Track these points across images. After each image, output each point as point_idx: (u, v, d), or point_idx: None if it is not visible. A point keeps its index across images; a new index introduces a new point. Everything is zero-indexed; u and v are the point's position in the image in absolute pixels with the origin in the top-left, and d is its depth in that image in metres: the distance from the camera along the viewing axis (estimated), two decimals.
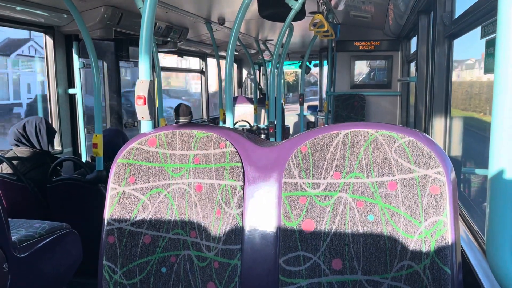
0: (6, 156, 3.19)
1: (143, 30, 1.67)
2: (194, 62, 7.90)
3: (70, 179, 3.22)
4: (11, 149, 3.31)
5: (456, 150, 2.98)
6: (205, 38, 6.16)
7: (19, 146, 3.27)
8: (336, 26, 5.61)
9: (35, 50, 10.43)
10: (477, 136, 2.86)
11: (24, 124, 3.31)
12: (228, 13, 4.78)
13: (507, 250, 0.91)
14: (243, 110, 8.06)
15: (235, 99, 8.12)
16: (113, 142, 3.70)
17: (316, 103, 11.83)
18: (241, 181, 1.10)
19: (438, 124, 2.79)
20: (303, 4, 3.43)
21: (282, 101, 8.42)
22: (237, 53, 8.55)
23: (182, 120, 5.18)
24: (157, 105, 4.56)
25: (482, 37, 1.78)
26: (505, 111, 0.89)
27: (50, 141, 3.39)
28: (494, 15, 1.61)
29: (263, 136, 7.10)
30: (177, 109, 5.28)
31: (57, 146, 4.06)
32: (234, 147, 1.12)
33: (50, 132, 3.39)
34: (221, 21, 5.05)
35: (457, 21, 2.40)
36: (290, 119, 10.53)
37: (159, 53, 5.17)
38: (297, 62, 11.95)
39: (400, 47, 6.30)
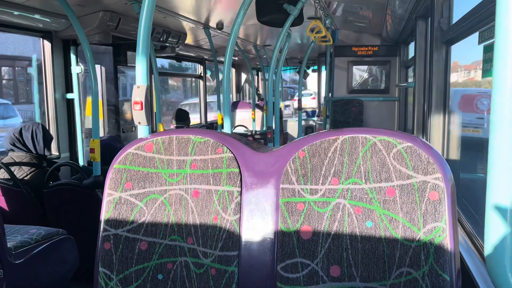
0: (3, 161, 3.18)
1: (140, 35, 1.67)
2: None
3: (66, 184, 3.20)
4: (8, 155, 3.30)
5: (455, 155, 2.97)
6: (204, 43, 6.16)
7: (14, 150, 3.26)
8: (334, 31, 5.63)
9: None
10: None
11: (21, 129, 3.31)
12: (226, 18, 4.78)
13: (506, 257, 0.90)
14: (243, 115, 8.04)
15: (236, 104, 8.11)
16: (111, 147, 3.70)
17: None
18: (238, 187, 1.09)
19: (436, 129, 2.78)
20: (301, 10, 3.43)
21: (281, 107, 8.41)
22: (235, 58, 8.56)
23: (180, 124, 5.20)
24: (155, 110, 4.56)
25: (480, 42, 1.77)
26: (504, 115, 0.88)
27: (47, 147, 3.39)
28: (492, 20, 1.61)
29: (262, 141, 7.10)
30: (175, 114, 5.30)
31: (54, 151, 4.04)
32: (232, 152, 1.11)
33: (47, 138, 3.40)
34: (220, 26, 5.05)
35: (454, 26, 2.41)
36: (290, 125, 10.49)
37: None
38: (295, 67, 11.96)
39: (398, 52, 6.31)
